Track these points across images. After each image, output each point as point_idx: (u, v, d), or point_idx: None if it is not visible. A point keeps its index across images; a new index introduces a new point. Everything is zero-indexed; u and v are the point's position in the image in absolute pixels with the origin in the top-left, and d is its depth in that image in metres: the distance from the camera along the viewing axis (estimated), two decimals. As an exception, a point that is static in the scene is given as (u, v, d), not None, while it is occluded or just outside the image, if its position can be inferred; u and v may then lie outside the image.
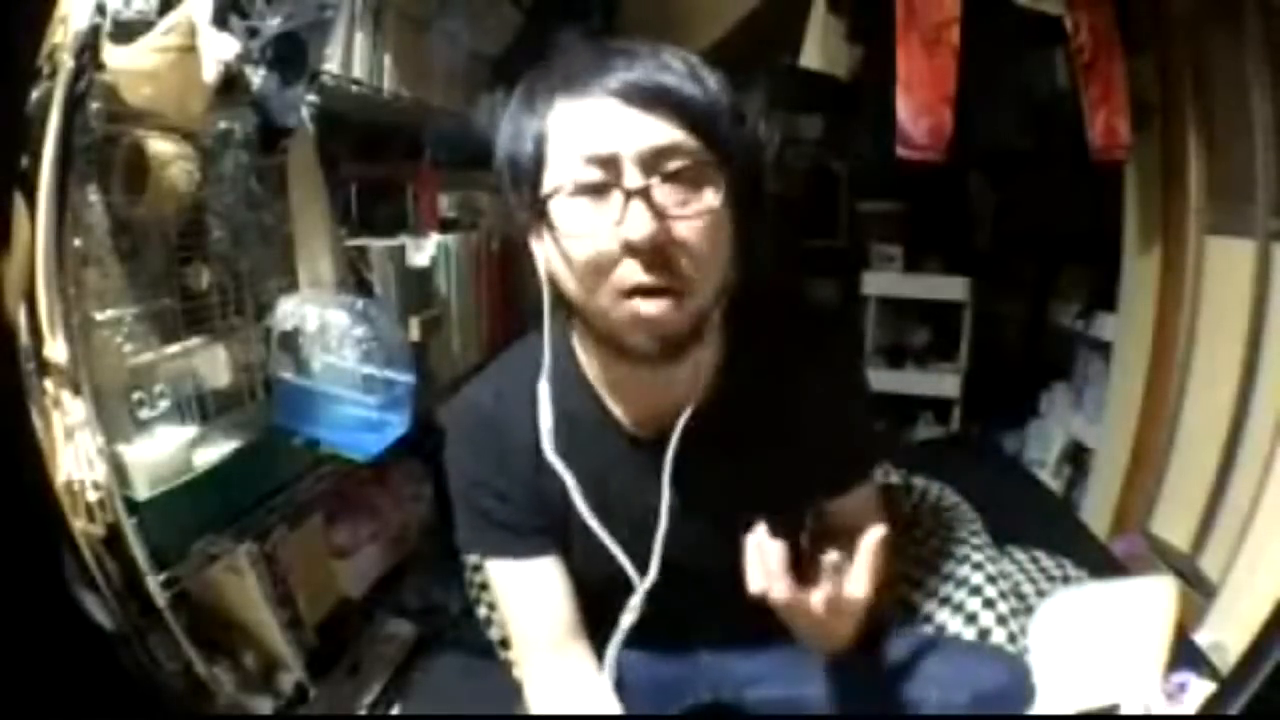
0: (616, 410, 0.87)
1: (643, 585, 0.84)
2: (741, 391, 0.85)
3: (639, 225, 0.69)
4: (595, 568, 0.87)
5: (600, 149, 0.71)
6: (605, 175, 0.71)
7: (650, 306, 0.72)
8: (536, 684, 0.90)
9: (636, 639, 0.91)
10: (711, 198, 0.72)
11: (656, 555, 0.84)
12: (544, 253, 0.78)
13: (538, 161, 0.75)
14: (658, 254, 0.70)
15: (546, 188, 0.74)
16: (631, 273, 0.71)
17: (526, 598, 0.90)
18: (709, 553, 0.83)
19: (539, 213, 0.75)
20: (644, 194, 0.70)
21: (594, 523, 0.84)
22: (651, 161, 0.71)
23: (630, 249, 0.70)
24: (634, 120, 0.71)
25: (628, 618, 0.85)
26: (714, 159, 0.73)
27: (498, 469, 0.88)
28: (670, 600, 0.86)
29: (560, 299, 0.80)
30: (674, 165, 0.71)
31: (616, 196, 0.70)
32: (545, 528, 0.88)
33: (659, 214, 0.70)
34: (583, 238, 0.72)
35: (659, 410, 0.84)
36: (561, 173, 0.73)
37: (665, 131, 0.71)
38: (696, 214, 0.72)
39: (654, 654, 0.96)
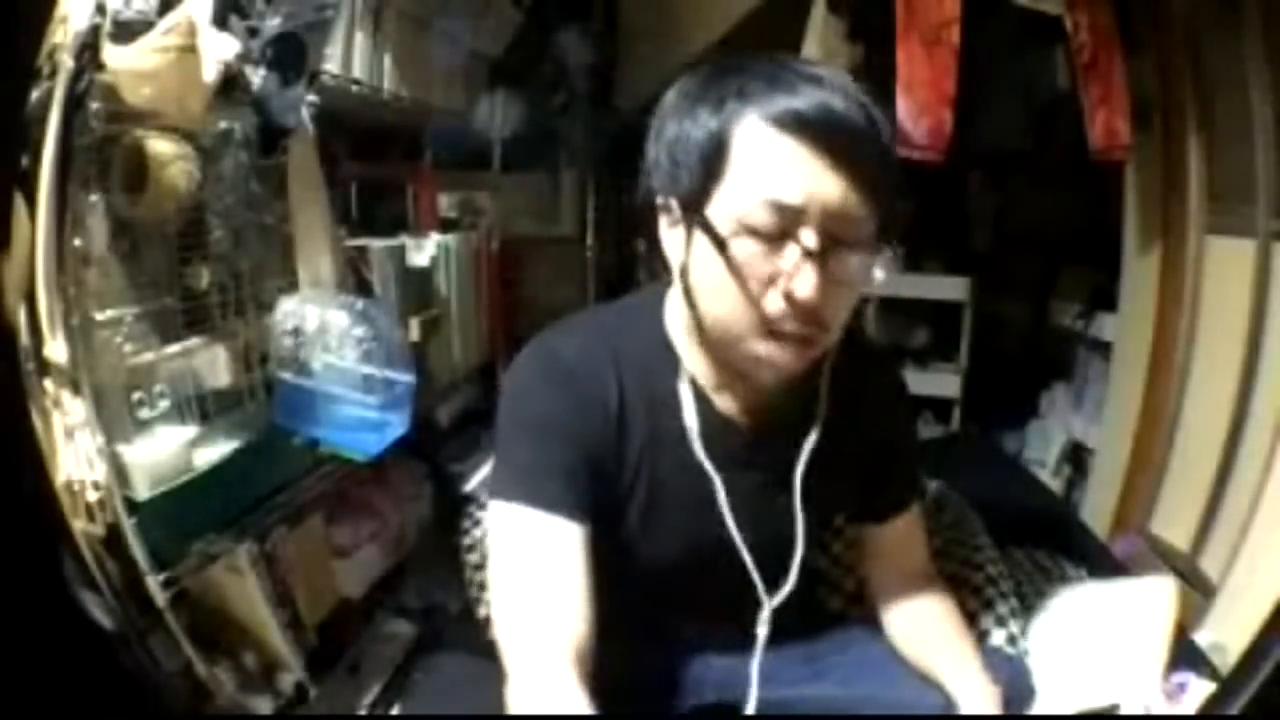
0: (717, 405, 0.86)
1: (774, 599, 0.85)
2: (834, 415, 0.87)
3: (807, 286, 0.71)
4: (657, 551, 0.87)
5: (789, 198, 0.70)
6: (785, 222, 0.71)
7: (787, 353, 0.74)
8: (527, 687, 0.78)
9: (645, 637, 0.91)
10: (871, 269, 0.74)
11: (796, 564, 0.85)
12: (685, 250, 0.77)
13: (713, 169, 0.73)
14: (811, 308, 0.72)
15: (720, 212, 0.73)
16: (779, 315, 0.73)
17: (551, 558, 0.78)
18: (770, 562, 0.86)
19: (701, 224, 0.74)
20: (820, 258, 0.71)
21: (733, 528, 0.83)
22: (832, 225, 0.71)
23: (791, 303, 0.72)
24: (827, 178, 0.70)
25: (762, 630, 0.86)
26: (877, 227, 0.74)
27: (575, 415, 0.82)
28: (710, 594, 0.89)
29: (688, 297, 0.79)
30: (848, 232, 0.72)
31: (793, 251, 0.71)
32: (596, 500, 0.82)
33: (828, 275, 0.72)
34: (749, 272, 0.72)
35: (753, 411, 0.86)
36: (741, 203, 0.72)
37: (850, 195, 0.71)
38: (856, 274, 0.74)
39: (663, 653, 0.97)
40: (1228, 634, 1.23)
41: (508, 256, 1.99)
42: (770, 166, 0.71)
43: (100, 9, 0.91)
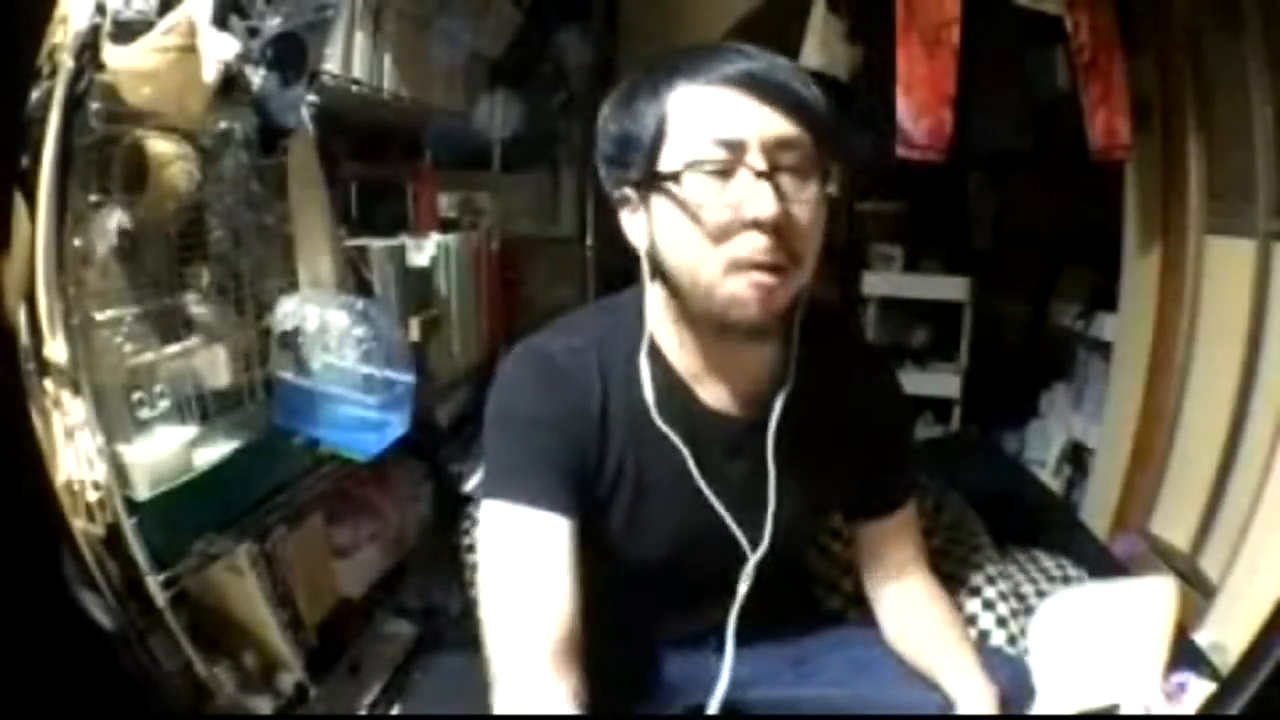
0: (699, 392, 0.88)
1: (755, 555, 0.87)
2: (808, 387, 0.88)
3: (765, 204, 0.74)
4: (665, 548, 0.88)
5: (730, 133, 0.76)
6: (732, 156, 0.76)
7: (764, 277, 0.76)
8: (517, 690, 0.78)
9: (643, 636, 0.91)
10: (822, 188, 0.79)
11: (768, 529, 0.86)
12: (647, 228, 0.82)
13: (657, 139, 0.79)
14: (776, 232, 0.76)
15: (669, 164, 0.78)
16: (749, 247, 0.76)
17: (540, 554, 0.79)
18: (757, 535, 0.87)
19: (656, 186, 0.78)
20: (770, 176, 0.75)
21: (707, 491, 0.85)
22: (773, 149, 0.76)
23: (754, 225, 0.75)
24: (757, 110, 0.76)
25: (743, 586, 0.87)
26: (821, 155, 0.79)
27: (563, 414, 0.84)
28: (708, 586, 0.89)
29: (660, 275, 0.83)
30: (791, 156, 0.77)
31: (743, 177, 0.75)
32: (582, 499, 0.83)
33: (782, 196, 0.76)
34: (707, 210, 0.76)
35: (741, 393, 0.88)
36: (687, 151, 0.77)
37: (784, 124, 0.77)
38: (811, 200, 0.78)
39: (661, 652, 0.97)
40: (1228, 634, 1.23)
41: (508, 256, 1.98)
42: (708, 114, 0.77)
43: (100, 9, 0.91)
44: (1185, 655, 1.09)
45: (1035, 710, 0.97)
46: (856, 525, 1.01)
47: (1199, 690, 0.97)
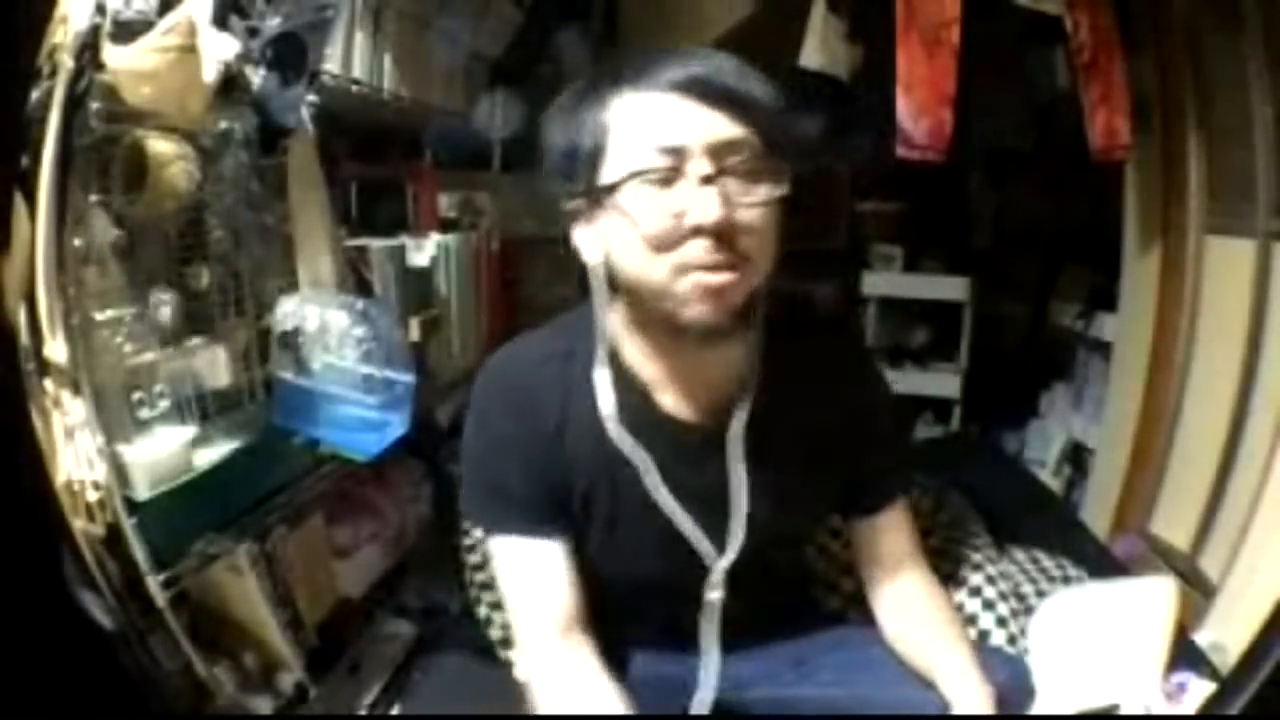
0: (661, 401, 0.88)
1: (721, 562, 0.87)
2: (780, 390, 0.88)
3: (709, 209, 0.74)
4: (637, 555, 0.89)
5: (672, 140, 0.75)
6: (675, 163, 0.75)
7: (713, 277, 0.76)
8: (539, 675, 0.88)
9: (640, 636, 0.91)
10: (771, 189, 0.78)
11: (736, 535, 0.87)
12: (596, 239, 0.82)
13: (599, 150, 0.79)
14: (723, 236, 0.75)
15: (613, 175, 0.77)
16: (696, 252, 0.76)
17: (530, 579, 0.88)
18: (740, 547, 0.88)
19: (601, 198, 0.78)
20: (714, 181, 0.75)
21: (671, 502, 0.86)
22: (718, 153, 0.76)
23: (699, 230, 0.75)
24: (701, 114, 0.76)
25: (713, 594, 0.89)
26: (771, 154, 0.78)
27: (523, 442, 0.88)
28: (686, 596, 0.89)
29: (612, 285, 0.83)
30: (737, 159, 0.76)
31: (686, 183, 0.75)
32: (559, 512, 0.88)
33: (726, 200, 0.75)
34: (652, 218, 0.76)
35: (703, 400, 0.87)
36: (630, 160, 0.77)
37: (729, 127, 0.76)
38: (757, 203, 0.77)
39: (658, 653, 0.97)
40: (1228, 634, 1.22)
41: (508, 256, 1.98)
42: (650, 122, 0.77)
43: (100, 9, 0.91)
44: (1185, 655, 1.09)
45: (1035, 710, 0.97)
46: (848, 523, 1.01)
47: (1199, 690, 0.97)
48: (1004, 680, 0.91)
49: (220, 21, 1.02)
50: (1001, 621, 1.18)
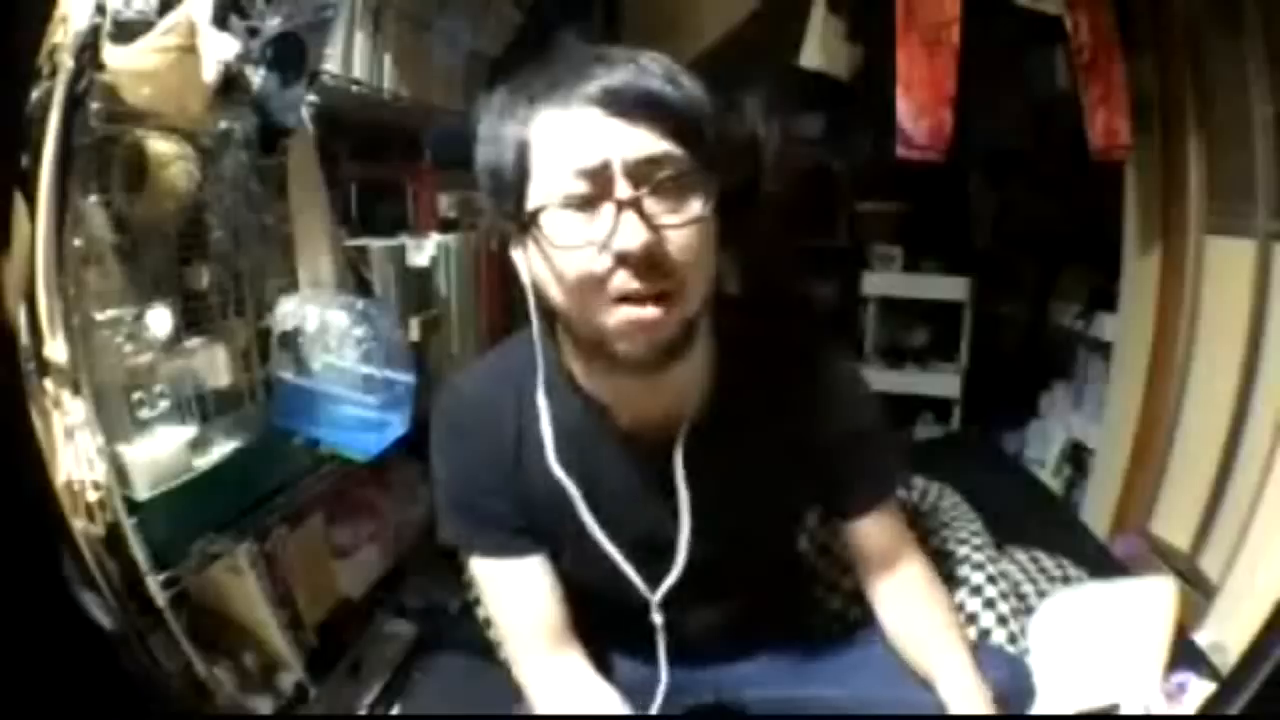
0: (619, 418, 0.86)
1: (659, 591, 0.87)
2: (737, 400, 0.85)
3: (632, 236, 0.69)
4: (596, 572, 0.88)
5: (589, 161, 0.70)
6: (594, 187, 0.71)
7: (641, 312, 0.72)
8: (536, 686, 0.89)
9: (640, 641, 0.91)
10: (699, 207, 0.73)
11: (681, 554, 0.86)
12: (528, 262, 0.78)
13: (521, 172, 0.74)
14: (649, 262, 0.71)
15: (534, 201, 0.73)
16: (623, 281, 0.71)
17: (513, 597, 0.89)
18: (708, 556, 0.86)
19: (525, 225, 0.74)
20: (635, 205, 0.70)
21: (599, 534, 0.85)
22: (641, 172, 0.71)
23: (623, 259, 0.70)
24: (620, 131, 0.70)
25: (658, 617, 0.88)
26: (700, 167, 0.73)
27: (484, 463, 0.87)
28: (673, 603, 0.88)
29: (546, 308, 0.80)
30: (662, 175, 0.71)
31: (607, 208, 0.70)
32: (529, 528, 0.88)
33: (650, 224, 0.70)
34: (574, 250, 0.71)
35: (654, 418, 0.84)
36: (549, 185, 0.72)
37: (652, 141, 0.71)
38: (686, 223, 0.72)
39: (631, 660, 0.97)
40: (1228, 634, 1.23)
41: (508, 256, 1.98)
42: (567, 142, 0.71)
43: (100, 9, 0.91)
44: (1185, 655, 1.09)
45: (1035, 710, 0.97)
46: (839, 525, 0.98)
47: (1199, 690, 0.97)
48: (1004, 680, 0.92)
49: (220, 21, 1.02)
50: (1001, 621, 1.18)
